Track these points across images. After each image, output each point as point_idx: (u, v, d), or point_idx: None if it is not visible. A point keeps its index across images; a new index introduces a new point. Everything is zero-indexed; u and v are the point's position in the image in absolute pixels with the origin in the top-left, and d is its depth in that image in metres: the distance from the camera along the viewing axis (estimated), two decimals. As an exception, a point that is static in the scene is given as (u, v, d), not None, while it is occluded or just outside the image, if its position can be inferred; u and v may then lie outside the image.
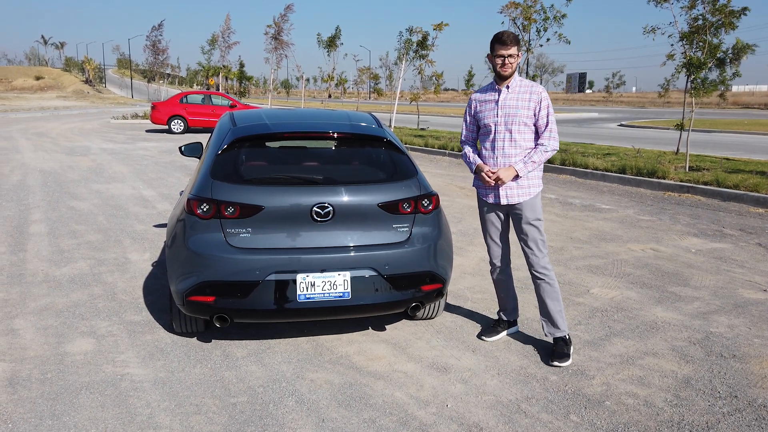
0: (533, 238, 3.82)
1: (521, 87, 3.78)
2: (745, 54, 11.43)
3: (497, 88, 3.81)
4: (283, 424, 3.04)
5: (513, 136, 3.74)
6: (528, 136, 3.78)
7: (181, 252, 3.64)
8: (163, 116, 22.44)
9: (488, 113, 3.82)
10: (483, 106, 3.87)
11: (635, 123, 31.02)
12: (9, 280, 5.20)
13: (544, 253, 3.85)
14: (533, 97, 3.74)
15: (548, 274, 3.84)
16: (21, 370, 3.54)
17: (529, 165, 3.73)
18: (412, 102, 24.12)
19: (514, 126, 3.74)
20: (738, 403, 3.26)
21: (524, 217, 3.81)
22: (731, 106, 55.01)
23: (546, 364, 3.71)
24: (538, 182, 3.85)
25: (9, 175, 11.30)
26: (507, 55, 3.67)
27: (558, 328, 3.84)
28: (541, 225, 3.86)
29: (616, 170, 11.41)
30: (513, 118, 3.73)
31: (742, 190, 9.34)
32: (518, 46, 3.73)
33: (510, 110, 3.75)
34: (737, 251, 6.38)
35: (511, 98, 3.76)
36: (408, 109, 37.42)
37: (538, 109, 3.74)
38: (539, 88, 3.78)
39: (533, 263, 3.85)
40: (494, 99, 3.81)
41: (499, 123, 3.76)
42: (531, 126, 3.77)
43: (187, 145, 5.30)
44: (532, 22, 15.12)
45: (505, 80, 3.77)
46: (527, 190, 3.80)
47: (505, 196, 3.81)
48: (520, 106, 3.74)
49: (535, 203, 3.83)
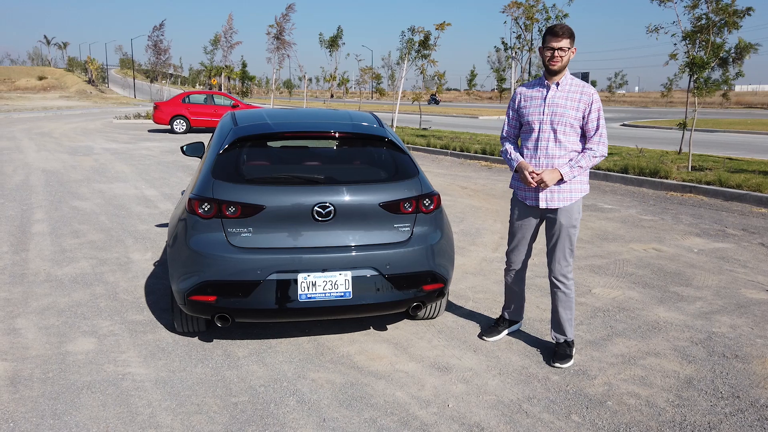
0: (561, 245, 3.69)
1: (572, 86, 3.59)
2: (748, 53, 11.43)
3: (546, 84, 3.62)
4: (284, 423, 3.04)
5: (558, 136, 3.57)
6: (573, 138, 3.60)
7: (183, 251, 3.65)
8: (165, 116, 22.46)
9: (533, 110, 3.64)
10: (529, 101, 3.69)
11: (638, 123, 30.97)
12: (11, 279, 5.20)
13: (568, 261, 3.72)
14: (583, 98, 3.56)
15: (567, 283, 3.75)
16: (23, 370, 3.54)
17: (575, 170, 3.57)
18: (414, 102, 24.10)
19: (560, 126, 3.56)
20: (740, 404, 3.25)
21: (558, 222, 3.66)
22: (734, 106, 54.90)
23: (547, 365, 3.70)
24: (580, 186, 3.67)
25: (12, 174, 11.32)
26: (557, 48, 3.47)
27: (565, 334, 3.81)
28: (576, 233, 3.70)
29: (618, 170, 11.40)
30: (560, 117, 3.56)
31: (745, 189, 9.31)
32: (572, 39, 3.50)
33: (557, 109, 3.56)
34: (740, 251, 6.37)
35: (560, 96, 3.58)
36: (410, 109, 37.41)
37: (587, 111, 3.56)
38: (591, 90, 3.58)
39: (554, 269, 3.74)
40: (542, 96, 3.63)
41: (544, 121, 3.59)
42: (577, 128, 3.59)
43: (189, 144, 5.31)
44: (534, 22, 15.12)
45: (555, 76, 3.58)
46: (569, 194, 3.63)
47: (545, 200, 3.65)
48: (569, 106, 3.56)
49: (573, 209, 3.66)
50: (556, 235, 3.70)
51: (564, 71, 3.60)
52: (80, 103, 53.80)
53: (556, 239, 3.71)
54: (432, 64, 20.75)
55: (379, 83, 32.04)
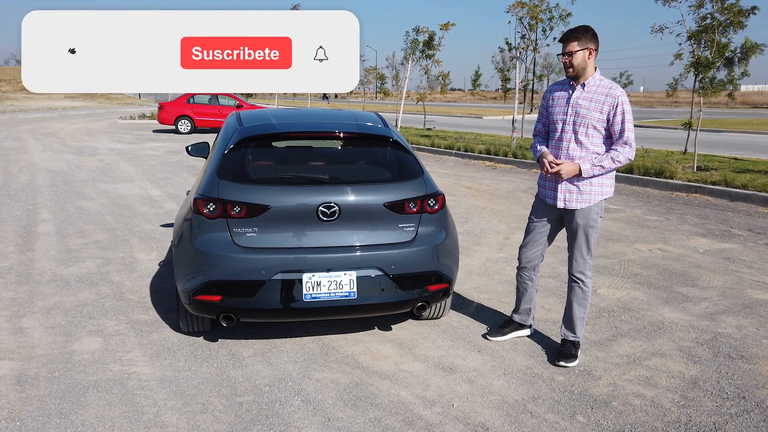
0: (579, 245, 3.70)
1: (598, 87, 3.53)
2: (754, 53, 11.37)
3: (572, 84, 3.60)
4: (289, 423, 3.04)
5: (579, 138, 3.54)
6: (597, 141, 3.55)
7: (188, 251, 3.66)
8: (170, 116, 22.50)
9: (558, 110, 3.64)
10: (555, 101, 3.68)
11: (643, 123, 30.88)
12: (17, 279, 5.23)
13: (585, 259, 3.73)
14: (608, 100, 3.48)
15: (585, 280, 3.76)
16: (29, 369, 3.56)
17: (595, 168, 3.51)
18: (418, 102, 24.10)
19: (581, 128, 3.53)
20: (746, 404, 3.24)
21: (574, 222, 3.67)
22: (740, 106, 54.64)
23: (552, 364, 3.70)
24: (600, 189, 3.63)
25: (18, 174, 11.37)
26: (565, 53, 3.47)
27: (575, 333, 3.81)
28: (594, 233, 3.69)
29: (623, 170, 11.35)
30: (582, 119, 3.52)
31: (751, 190, 9.28)
32: (578, 40, 3.45)
33: (580, 110, 3.53)
34: (745, 251, 6.34)
35: (584, 98, 3.53)
36: (414, 109, 37.40)
37: (612, 114, 3.48)
38: (618, 92, 3.48)
39: (572, 267, 3.77)
40: (566, 96, 3.61)
41: (567, 122, 3.57)
42: (602, 130, 3.53)
43: (193, 144, 5.32)
44: (538, 22, 15.07)
45: (579, 78, 3.54)
46: (588, 197, 3.61)
47: (563, 200, 3.65)
48: (593, 108, 3.50)
49: (591, 210, 3.63)
50: (573, 233, 3.73)
51: (588, 72, 3.54)
52: (85, 103, 53.98)
53: (573, 238, 3.73)
54: (436, 64, 20.73)
55: (384, 83, 32.07)
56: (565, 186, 3.64)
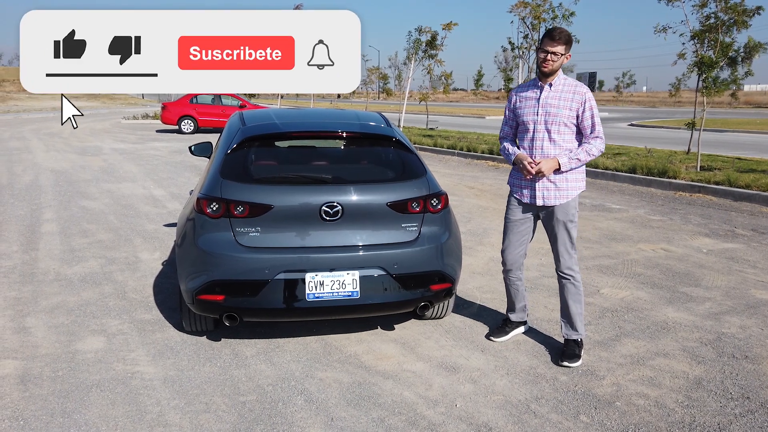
0: (562, 240, 3.75)
1: (565, 86, 3.67)
2: (758, 53, 11.33)
3: (540, 85, 3.71)
4: (292, 422, 3.04)
5: (552, 136, 3.65)
6: (568, 137, 3.68)
7: (191, 251, 3.66)
8: (173, 116, 22.54)
9: (528, 110, 3.73)
10: (523, 102, 3.77)
11: (646, 122, 30.83)
12: (21, 278, 5.24)
13: (571, 254, 3.78)
14: (576, 98, 3.63)
15: (574, 275, 3.79)
16: (32, 368, 3.57)
17: (573, 161, 3.63)
18: (421, 102, 24.09)
19: (554, 126, 3.64)
20: (750, 405, 3.23)
21: (555, 218, 3.73)
22: (743, 106, 54.53)
23: (555, 364, 3.69)
24: (576, 185, 3.74)
25: (21, 174, 11.40)
26: (551, 52, 3.56)
27: (576, 330, 3.81)
28: (574, 227, 3.76)
29: (626, 170, 11.34)
30: (553, 117, 3.64)
31: (755, 189, 9.25)
32: (568, 45, 3.60)
33: (551, 109, 3.65)
34: (749, 251, 6.33)
35: (552, 97, 3.66)
36: (417, 109, 37.38)
37: (581, 110, 3.64)
38: (584, 89, 3.66)
39: (560, 264, 3.80)
40: (535, 96, 3.71)
41: (538, 122, 3.67)
42: (572, 127, 3.67)
43: (196, 144, 5.32)
44: (541, 21, 15.05)
45: (548, 77, 3.67)
46: (565, 192, 3.70)
47: (542, 198, 3.72)
48: (562, 106, 3.63)
49: (569, 205, 3.72)
50: (555, 230, 3.77)
51: (557, 72, 3.69)
52: (88, 103, 54.09)
53: (556, 235, 3.77)
54: (439, 64, 20.73)
55: (386, 83, 32.01)
56: (543, 183, 3.71)
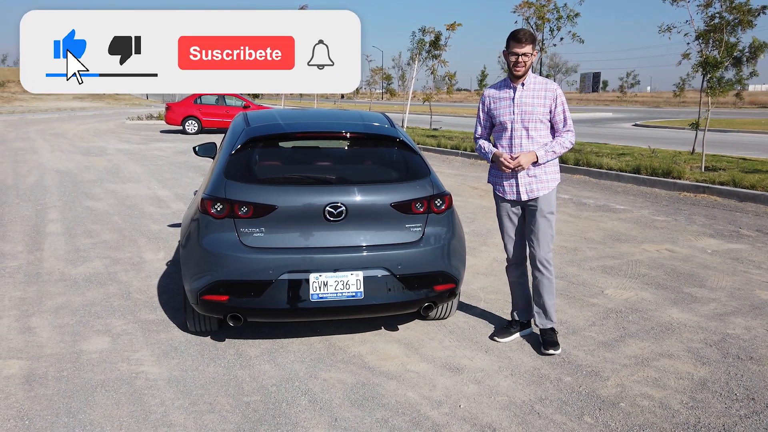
0: (544, 231, 3.83)
1: (536, 84, 3.79)
2: (763, 53, 11.27)
3: (512, 86, 3.82)
4: (296, 423, 3.05)
5: (530, 133, 3.77)
6: (544, 133, 3.80)
7: (195, 251, 3.67)
8: (177, 117, 22.60)
9: (504, 110, 3.82)
10: (498, 103, 3.87)
11: (650, 123, 30.75)
12: (26, 278, 5.26)
13: (550, 247, 3.89)
14: (548, 95, 3.76)
15: (550, 268, 3.90)
16: (38, 368, 3.58)
17: (549, 154, 3.75)
18: (424, 102, 24.08)
19: (531, 123, 3.76)
20: (755, 406, 3.22)
21: (539, 210, 3.81)
22: (748, 106, 54.29)
23: (538, 354, 3.80)
24: (555, 176, 3.87)
25: (27, 175, 11.44)
26: (521, 54, 3.67)
27: (551, 320, 3.92)
28: (554, 219, 3.87)
29: (630, 170, 11.31)
30: (530, 115, 3.75)
31: (759, 190, 9.21)
32: (534, 44, 3.73)
33: (526, 108, 3.76)
34: (754, 252, 6.30)
35: (526, 96, 3.77)
36: (420, 110, 37.36)
37: (554, 106, 3.77)
38: (554, 86, 3.80)
39: (539, 255, 3.86)
40: (510, 96, 3.82)
41: (515, 120, 3.78)
42: (547, 123, 3.80)
43: (201, 145, 5.33)
44: (545, 22, 15.01)
45: (520, 78, 3.78)
46: (546, 184, 3.82)
47: (526, 192, 3.82)
48: (537, 104, 3.76)
49: (551, 196, 3.85)
50: (537, 222, 3.84)
51: (527, 72, 3.80)
52: (93, 104, 54.27)
53: (537, 225, 3.84)
54: (443, 64, 20.72)
55: (390, 84, 32.03)
56: (525, 179, 3.81)
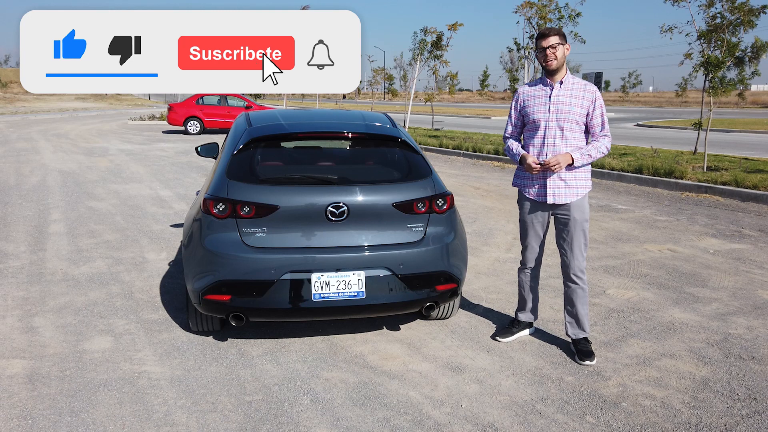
0: (578, 241, 3.74)
1: (575, 85, 3.68)
2: (764, 52, 11.28)
3: (549, 83, 3.71)
4: (298, 422, 3.05)
5: (564, 133, 3.66)
6: (578, 135, 3.69)
7: (198, 251, 3.68)
8: (179, 117, 22.63)
9: (538, 108, 3.72)
10: (532, 100, 3.76)
11: (652, 123, 30.72)
12: (29, 278, 5.27)
13: (584, 256, 3.79)
14: (587, 96, 3.66)
15: (583, 278, 3.80)
16: (40, 368, 3.59)
17: (584, 157, 3.64)
18: (426, 102, 24.08)
19: (566, 124, 3.65)
20: (757, 405, 3.22)
21: (572, 219, 3.71)
22: (750, 106, 54.21)
23: (576, 362, 3.69)
24: (585, 183, 3.74)
25: (29, 175, 11.46)
26: (548, 46, 3.57)
27: (584, 330, 3.84)
28: (587, 228, 3.76)
29: (632, 170, 11.31)
30: (566, 115, 3.64)
31: (762, 190, 9.20)
32: (561, 35, 3.61)
33: (563, 107, 3.65)
34: (756, 252, 6.30)
35: (564, 95, 3.66)
36: (422, 110, 37.36)
37: (592, 108, 3.67)
38: (593, 88, 3.69)
39: (571, 266, 3.78)
40: (546, 94, 3.70)
41: (550, 119, 3.67)
42: (582, 125, 3.69)
43: (203, 145, 5.34)
44: (547, 22, 15.02)
45: (556, 75, 3.67)
46: (575, 190, 3.70)
47: (552, 195, 3.71)
48: (574, 104, 3.65)
49: (584, 204, 3.72)
50: (571, 231, 3.73)
51: (564, 70, 3.69)
52: (95, 104, 54.36)
53: (570, 234, 3.74)
54: (444, 64, 20.72)
55: (392, 84, 32.08)
56: (553, 181, 3.70)
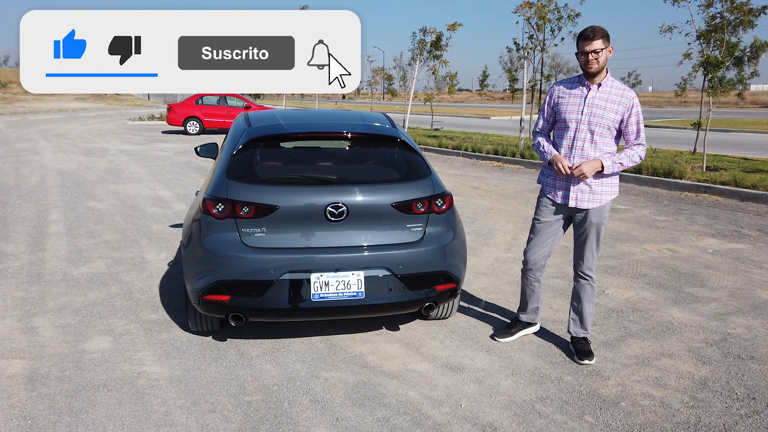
0: (590, 242, 3.73)
1: (613, 89, 3.57)
2: (764, 53, 11.28)
3: (587, 84, 3.59)
4: (298, 422, 3.06)
5: (594, 138, 3.56)
6: (609, 141, 3.59)
7: (197, 251, 3.68)
8: (178, 118, 22.62)
9: (572, 108, 3.62)
10: (567, 99, 3.65)
11: (652, 123, 30.73)
12: (28, 279, 5.27)
13: (595, 256, 3.79)
14: (624, 101, 3.54)
15: (593, 276, 3.82)
16: (40, 368, 3.59)
17: (616, 165, 3.54)
18: (426, 102, 24.09)
19: (598, 128, 3.54)
20: (756, 405, 3.23)
21: (589, 221, 3.66)
22: (749, 106, 54.24)
23: (576, 363, 3.69)
24: (610, 189, 3.67)
25: (28, 175, 11.46)
26: (591, 51, 3.43)
27: (586, 329, 3.85)
28: (603, 230, 3.72)
29: (632, 170, 11.31)
30: (599, 119, 3.54)
31: (761, 190, 9.21)
32: (605, 38, 3.46)
33: (597, 110, 3.54)
34: (755, 252, 6.30)
35: (600, 98, 3.56)
36: (422, 110, 37.37)
37: (627, 115, 3.55)
38: (631, 93, 3.57)
39: (582, 265, 3.79)
40: (582, 95, 3.60)
41: (582, 121, 3.57)
42: (613, 131, 3.58)
43: (202, 145, 5.34)
44: (546, 22, 15.02)
45: (595, 77, 3.56)
46: (599, 197, 3.63)
47: (575, 199, 3.65)
48: (609, 109, 3.54)
49: (604, 209, 3.67)
50: (585, 232, 3.73)
51: (604, 72, 3.58)
52: (95, 104, 54.34)
53: (585, 237, 3.74)
54: (444, 64, 20.71)
55: (391, 84, 32.05)
56: (578, 186, 3.64)
